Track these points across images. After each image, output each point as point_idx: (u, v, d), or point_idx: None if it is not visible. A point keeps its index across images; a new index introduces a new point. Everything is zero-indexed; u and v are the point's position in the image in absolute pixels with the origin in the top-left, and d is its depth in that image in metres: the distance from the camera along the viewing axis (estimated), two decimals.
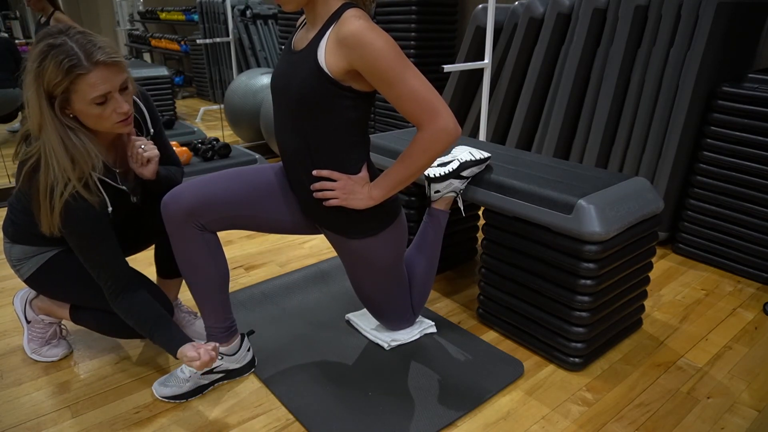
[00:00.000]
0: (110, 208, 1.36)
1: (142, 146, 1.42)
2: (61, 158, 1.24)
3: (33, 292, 1.66)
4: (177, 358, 1.40)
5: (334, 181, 1.38)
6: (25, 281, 1.53)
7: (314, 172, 1.38)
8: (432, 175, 1.72)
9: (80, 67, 1.19)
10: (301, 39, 1.36)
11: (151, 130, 1.52)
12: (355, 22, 1.20)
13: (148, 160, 1.43)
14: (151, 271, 2.24)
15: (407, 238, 1.59)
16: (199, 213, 1.37)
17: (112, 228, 1.37)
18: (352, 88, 1.29)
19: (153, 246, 1.72)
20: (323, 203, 1.41)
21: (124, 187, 1.40)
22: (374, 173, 1.46)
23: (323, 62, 1.25)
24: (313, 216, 1.48)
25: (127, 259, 1.51)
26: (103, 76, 1.22)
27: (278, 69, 1.38)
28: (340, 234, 1.47)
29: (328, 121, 1.32)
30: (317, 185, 1.39)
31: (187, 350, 1.38)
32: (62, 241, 1.48)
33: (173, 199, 1.37)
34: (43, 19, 3.69)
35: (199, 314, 1.82)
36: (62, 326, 1.74)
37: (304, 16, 1.38)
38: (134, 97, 1.46)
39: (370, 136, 2.16)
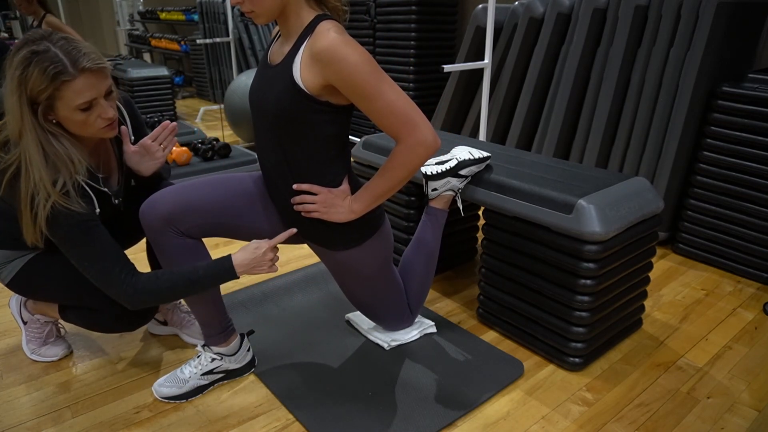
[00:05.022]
0: (98, 210, 1.34)
1: (161, 144, 1.49)
2: (40, 167, 1.21)
3: None
4: (239, 272, 1.34)
5: (315, 194, 1.37)
6: (7, 285, 1.51)
7: (294, 186, 1.37)
8: (429, 173, 1.72)
9: (66, 73, 1.17)
10: (276, 53, 1.34)
11: (132, 138, 1.51)
12: (329, 35, 1.18)
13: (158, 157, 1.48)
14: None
15: (393, 245, 1.58)
16: (177, 220, 1.36)
17: (103, 227, 1.33)
18: (330, 102, 1.27)
19: (147, 249, 1.71)
20: (302, 215, 1.40)
21: (105, 189, 1.39)
22: (356, 185, 1.44)
23: (299, 78, 1.24)
24: (294, 228, 1.46)
25: None
26: (88, 83, 1.21)
27: (254, 83, 1.36)
28: (322, 246, 1.46)
29: (307, 135, 1.30)
30: (297, 199, 1.37)
31: (242, 258, 1.34)
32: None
33: (150, 207, 1.36)
34: (35, 23, 3.69)
35: None
36: (59, 325, 1.74)
37: (278, 27, 1.35)
38: (116, 102, 1.45)
39: (368, 136, 2.16)
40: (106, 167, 1.45)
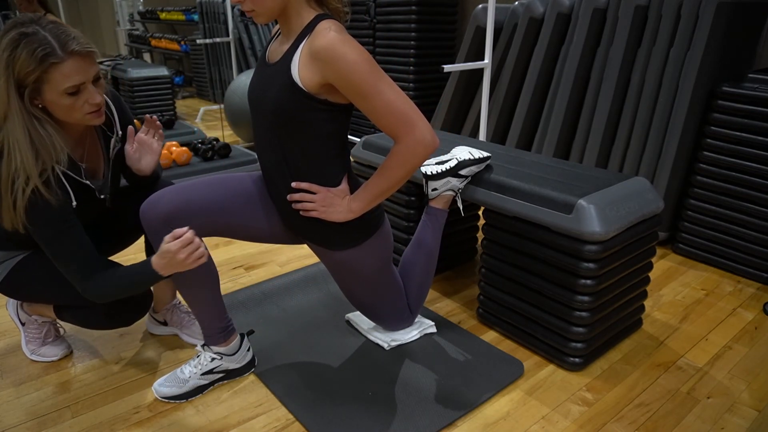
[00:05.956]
0: (74, 203, 1.32)
1: (153, 137, 1.50)
2: (24, 150, 1.20)
3: None
4: (162, 274, 1.30)
5: (314, 193, 1.37)
6: None
7: (293, 184, 1.37)
8: (429, 173, 1.72)
9: (54, 56, 1.17)
10: (275, 51, 1.34)
11: (119, 133, 1.50)
12: (327, 34, 1.18)
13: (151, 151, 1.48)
14: None
15: (392, 245, 1.58)
16: (177, 219, 1.36)
17: (78, 221, 1.32)
18: (328, 100, 1.27)
19: (146, 250, 1.71)
20: (301, 213, 1.40)
21: (88, 182, 1.38)
22: (356, 184, 1.44)
23: (297, 76, 1.24)
24: (293, 228, 1.46)
25: (123, 260, 1.49)
26: (77, 66, 1.20)
27: (253, 82, 1.36)
28: (321, 245, 1.46)
29: (305, 134, 1.30)
30: (296, 196, 1.37)
31: (157, 262, 1.29)
32: (29, 245, 1.45)
33: (151, 207, 1.36)
34: None
35: None
36: (58, 325, 1.74)
37: (278, 26, 1.35)
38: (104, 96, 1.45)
39: (368, 136, 2.16)
40: (91, 159, 1.44)
